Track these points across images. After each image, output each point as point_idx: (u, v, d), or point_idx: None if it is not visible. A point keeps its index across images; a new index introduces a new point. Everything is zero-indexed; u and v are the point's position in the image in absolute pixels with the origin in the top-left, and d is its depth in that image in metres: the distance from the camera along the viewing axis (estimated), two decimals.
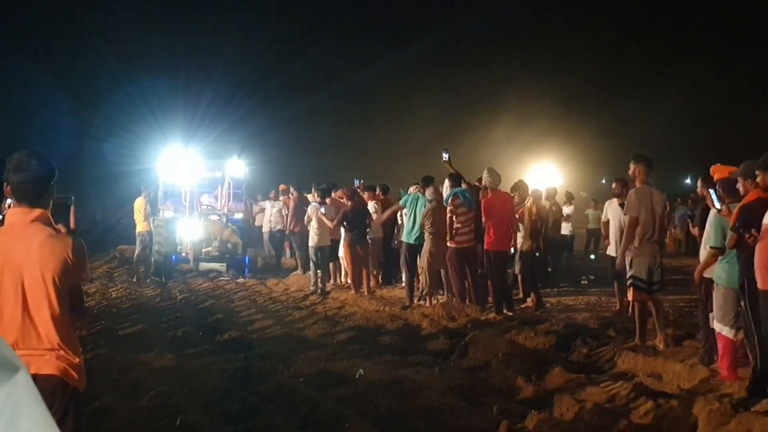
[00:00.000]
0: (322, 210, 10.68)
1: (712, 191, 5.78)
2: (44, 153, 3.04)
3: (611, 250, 9.03)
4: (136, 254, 13.75)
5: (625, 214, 7.60)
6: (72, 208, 4.06)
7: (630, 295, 7.44)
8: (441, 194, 9.33)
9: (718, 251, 5.78)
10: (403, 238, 10.07)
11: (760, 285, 5.06)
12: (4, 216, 3.27)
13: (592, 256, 15.46)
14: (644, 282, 7.11)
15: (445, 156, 9.27)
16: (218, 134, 22.31)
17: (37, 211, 2.98)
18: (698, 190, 7.40)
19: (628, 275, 7.28)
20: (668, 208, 9.09)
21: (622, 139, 24.25)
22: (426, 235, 9.40)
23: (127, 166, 21.28)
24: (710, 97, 30.63)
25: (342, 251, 10.83)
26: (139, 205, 13.09)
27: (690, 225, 10.19)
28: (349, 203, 10.63)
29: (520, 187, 9.64)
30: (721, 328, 5.82)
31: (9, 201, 3.31)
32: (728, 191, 5.81)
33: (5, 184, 3.03)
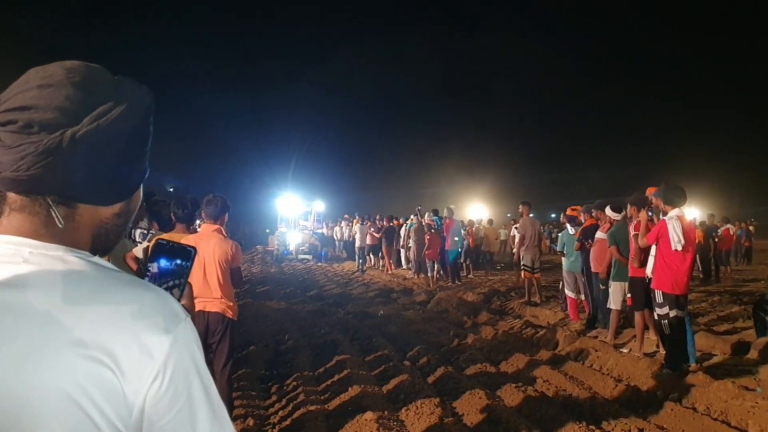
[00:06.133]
0: (361, 227, 18.88)
1: (568, 225, 9.33)
2: (223, 196, 4.34)
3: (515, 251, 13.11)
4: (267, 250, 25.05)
5: (519, 233, 11.43)
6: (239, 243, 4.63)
7: (522, 274, 11.05)
8: (420, 221, 15.36)
9: (561, 253, 9.15)
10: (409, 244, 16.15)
11: (592, 269, 8.20)
12: (199, 227, 4.88)
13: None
14: (530, 267, 10.75)
15: (419, 208, 16.02)
16: (307, 183, 34.13)
17: (216, 226, 4.25)
18: (561, 219, 11.05)
19: (522, 263, 10.90)
20: (542, 228, 13.46)
21: (516, 192, 39.03)
22: (412, 241, 15.36)
23: (257, 202, 34.41)
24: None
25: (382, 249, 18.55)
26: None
27: (550, 239, 15.91)
28: (386, 224, 18.09)
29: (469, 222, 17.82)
30: (568, 293, 9.08)
31: (198, 221, 5.03)
32: (572, 221, 9.23)
33: (202, 211, 4.34)
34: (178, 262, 0.96)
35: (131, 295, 0.79)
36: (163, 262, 0.95)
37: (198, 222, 5.34)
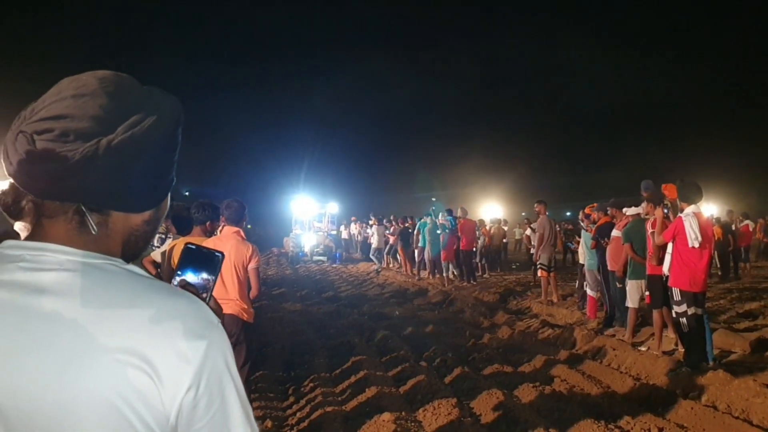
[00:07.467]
0: (377, 228, 19.40)
1: (583, 223, 9.32)
2: (241, 200, 4.48)
3: (533, 250, 13.02)
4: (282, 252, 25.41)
5: (535, 232, 11.43)
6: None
7: (539, 273, 11.00)
8: (434, 221, 14.90)
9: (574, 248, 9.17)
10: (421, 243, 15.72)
11: (609, 267, 8.11)
12: (220, 231, 4.69)
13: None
14: (547, 266, 10.73)
15: (433, 209, 15.94)
16: (321, 185, 34.38)
17: (235, 229, 4.40)
18: (579, 218, 10.34)
19: (539, 263, 10.83)
20: (558, 227, 13.22)
21: (531, 192, 38.25)
22: (425, 240, 14.93)
23: (271, 205, 34.65)
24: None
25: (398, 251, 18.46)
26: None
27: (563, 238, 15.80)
28: (402, 225, 17.99)
29: (480, 221, 17.46)
30: (589, 291, 8.98)
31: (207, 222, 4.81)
32: (589, 219, 9.16)
33: (222, 215, 4.48)
34: (204, 276, 0.98)
35: (166, 301, 0.80)
36: (190, 277, 0.97)
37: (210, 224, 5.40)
